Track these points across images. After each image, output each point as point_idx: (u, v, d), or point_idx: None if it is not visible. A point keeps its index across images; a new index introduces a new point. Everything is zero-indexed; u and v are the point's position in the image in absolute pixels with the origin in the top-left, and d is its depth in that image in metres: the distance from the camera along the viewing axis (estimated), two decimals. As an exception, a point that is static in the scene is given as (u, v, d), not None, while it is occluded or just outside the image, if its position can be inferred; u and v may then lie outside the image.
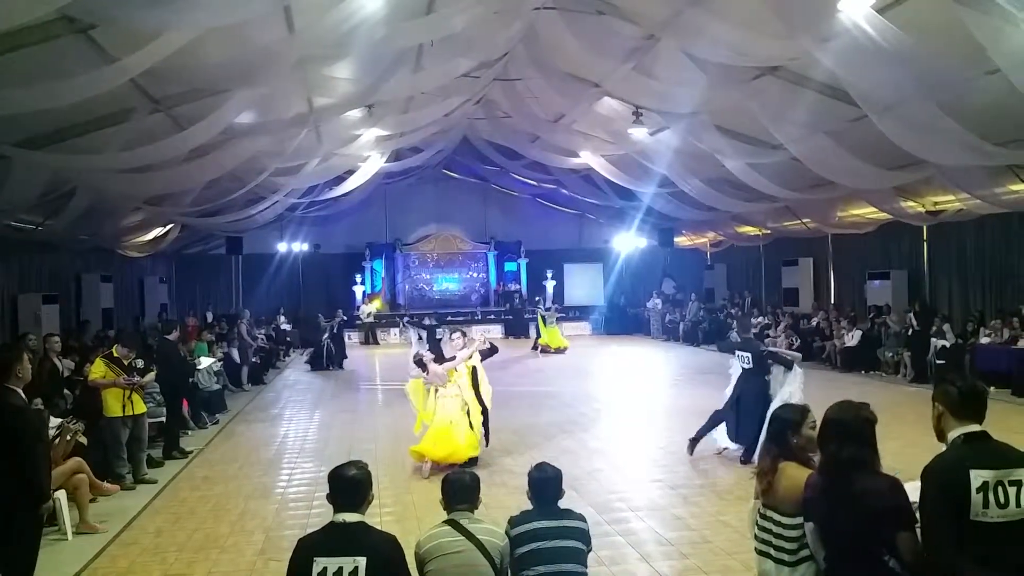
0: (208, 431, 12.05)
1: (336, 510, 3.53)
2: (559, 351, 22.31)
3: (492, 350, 9.93)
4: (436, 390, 9.41)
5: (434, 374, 9.34)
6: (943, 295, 17.48)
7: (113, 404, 8.68)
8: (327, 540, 3.47)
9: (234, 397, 15.17)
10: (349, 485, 3.56)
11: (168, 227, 18.85)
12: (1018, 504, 2.92)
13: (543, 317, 23.14)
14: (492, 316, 26.93)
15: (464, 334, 9.89)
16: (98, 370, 8.76)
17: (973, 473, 2.93)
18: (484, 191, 29.50)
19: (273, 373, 19.45)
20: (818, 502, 3.38)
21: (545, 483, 4.26)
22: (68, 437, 7.71)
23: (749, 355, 9.41)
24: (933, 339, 15.01)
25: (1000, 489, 2.92)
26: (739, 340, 10.09)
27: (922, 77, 8.94)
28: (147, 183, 12.26)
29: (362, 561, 3.33)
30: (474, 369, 9.54)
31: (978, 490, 2.91)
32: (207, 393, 13.05)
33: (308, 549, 3.47)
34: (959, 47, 8.31)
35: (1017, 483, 2.93)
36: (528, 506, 4.29)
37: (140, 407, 8.94)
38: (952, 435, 3.10)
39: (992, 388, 13.37)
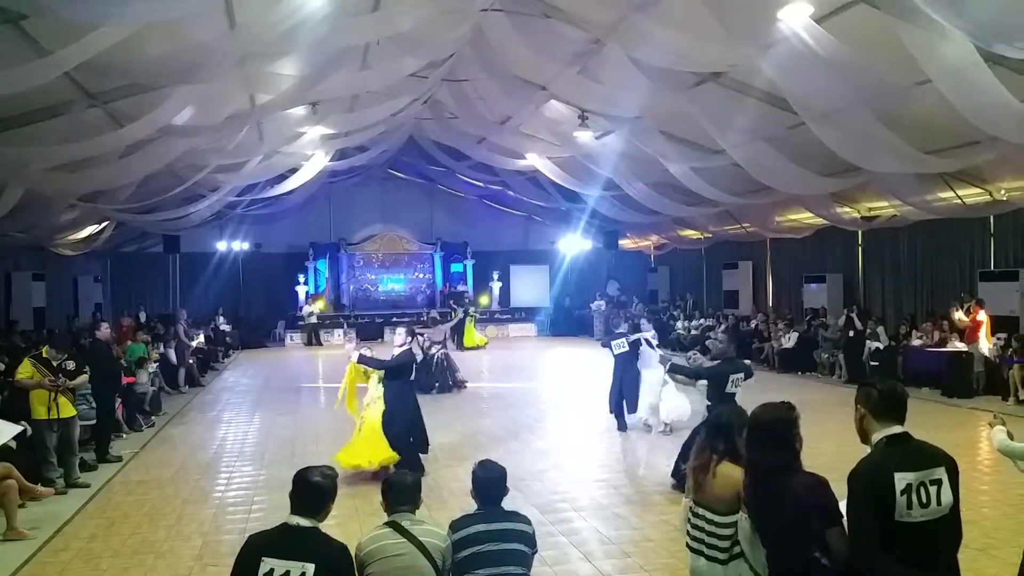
0: (144, 434, 11.75)
1: (292, 510, 3.50)
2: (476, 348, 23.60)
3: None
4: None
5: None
6: (876, 298, 18.03)
7: (38, 407, 8.39)
8: (278, 541, 3.43)
9: (171, 399, 14.82)
10: (309, 489, 3.54)
11: (103, 224, 18.36)
12: (939, 502, 3.00)
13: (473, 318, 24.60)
14: (437, 319, 26.72)
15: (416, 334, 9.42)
16: (25, 371, 8.48)
17: (897, 476, 2.99)
18: (430, 191, 29.41)
19: (211, 375, 19.06)
20: (752, 504, 3.47)
21: (490, 482, 4.22)
22: None
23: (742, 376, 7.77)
24: (868, 341, 15.44)
25: (922, 489, 2.99)
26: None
27: (858, 86, 9.22)
28: (82, 178, 11.92)
29: (310, 568, 3.30)
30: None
31: (902, 492, 2.97)
32: (142, 395, 12.73)
33: (258, 547, 3.44)
34: (893, 58, 8.58)
35: (937, 482, 3.02)
36: (472, 505, 4.28)
37: (68, 410, 8.61)
38: (875, 437, 3.16)
39: (924, 388, 13.87)
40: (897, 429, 3.14)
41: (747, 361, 9.44)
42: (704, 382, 7.98)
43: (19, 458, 7.83)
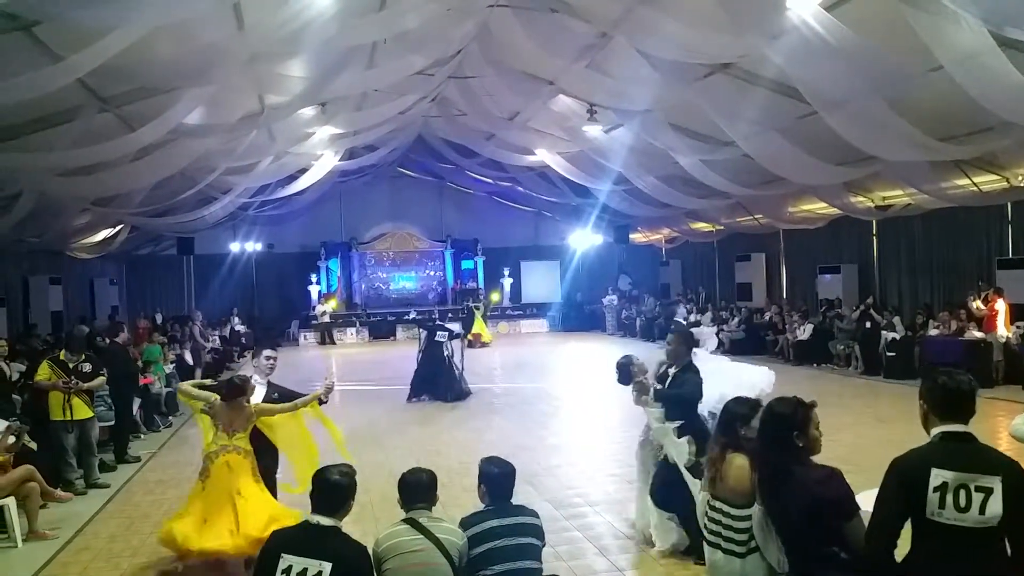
0: (161, 434, 11.85)
1: (313, 509, 3.59)
2: (484, 344, 23.85)
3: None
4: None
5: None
6: (892, 288, 17.89)
7: (55, 408, 8.47)
8: (298, 538, 3.51)
9: (188, 400, 14.91)
10: (327, 488, 3.61)
11: (118, 228, 18.49)
12: (981, 512, 2.80)
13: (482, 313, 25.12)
14: (450, 315, 26.84)
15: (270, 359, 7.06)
16: (43, 373, 8.57)
17: (934, 471, 2.85)
18: (440, 189, 29.41)
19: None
20: (766, 499, 3.44)
21: (502, 478, 4.24)
22: (10, 440, 7.49)
23: None
24: (884, 332, 15.33)
25: (962, 492, 2.81)
26: None
27: (870, 74, 9.14)
28: (95, 183, 12.00)
29: (327, 567, 3.34)
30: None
31: (935, 489, 2.83)
32: (159, 396, 12.81)
33: (279, 543, 3.52)
34: (905, 44, 8.51)
35: (985, 490, 2.81)
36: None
37: (83, 412, 8.65)
38: (933, 431, 3.00)
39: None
40: (957, 427, 2.96)
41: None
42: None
43: (40, 460, 7.91)
